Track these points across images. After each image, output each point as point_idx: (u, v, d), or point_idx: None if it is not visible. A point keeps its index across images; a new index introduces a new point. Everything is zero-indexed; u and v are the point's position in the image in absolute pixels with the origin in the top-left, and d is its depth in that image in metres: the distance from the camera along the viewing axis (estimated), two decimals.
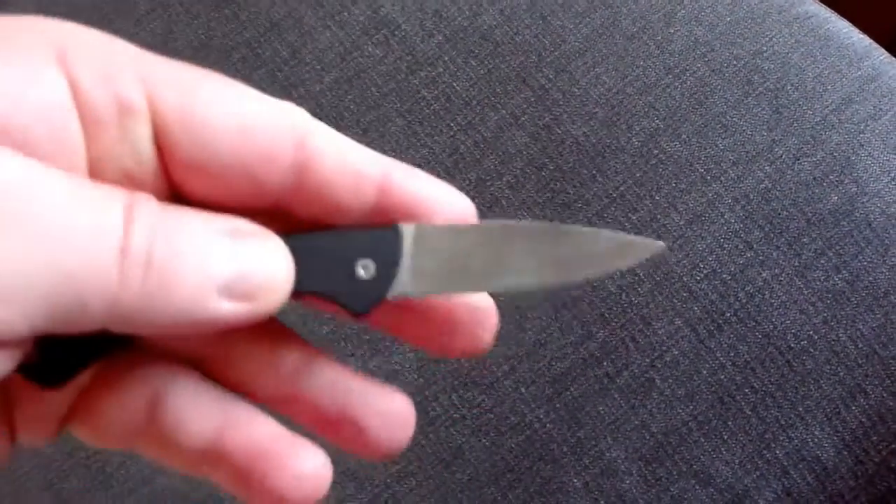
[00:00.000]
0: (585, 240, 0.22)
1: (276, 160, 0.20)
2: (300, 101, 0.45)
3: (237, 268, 0.19)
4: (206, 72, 0.20)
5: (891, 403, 0.39)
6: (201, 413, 0.21)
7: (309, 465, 0.21)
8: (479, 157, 0.43)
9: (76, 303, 0.17)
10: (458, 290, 0.22)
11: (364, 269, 0.21)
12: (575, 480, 0.39)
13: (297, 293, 0.21)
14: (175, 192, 0.20)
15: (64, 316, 0.17)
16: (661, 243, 0.22)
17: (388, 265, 0.22)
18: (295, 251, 0.21)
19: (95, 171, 0.19)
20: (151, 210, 0.18)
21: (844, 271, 0.40)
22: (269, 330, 0.21)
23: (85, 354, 0.21)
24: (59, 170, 0.18)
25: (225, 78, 0.20)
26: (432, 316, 0.22)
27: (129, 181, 0.20)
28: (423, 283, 0.22)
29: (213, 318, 0.19)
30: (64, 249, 0.17)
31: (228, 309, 0.19)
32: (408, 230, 0.22)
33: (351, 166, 0.21)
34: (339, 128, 0.21)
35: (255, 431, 0.21)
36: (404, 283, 0.22)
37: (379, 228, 0.22)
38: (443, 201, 0.22)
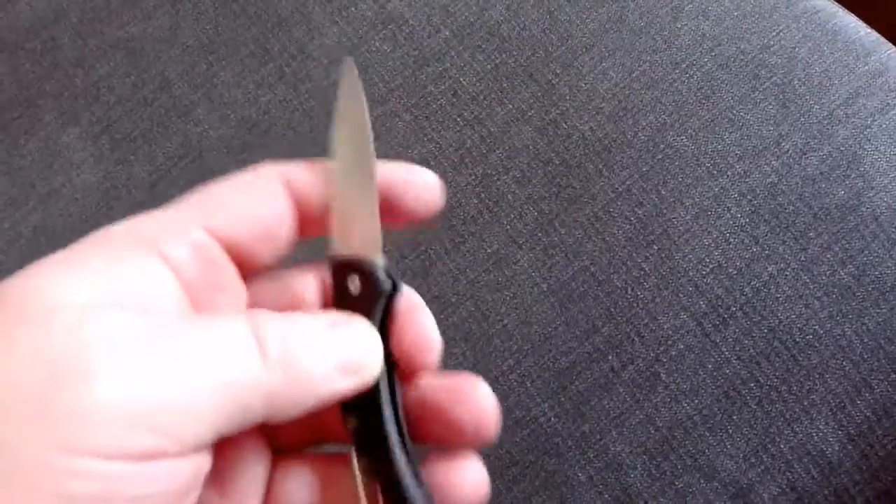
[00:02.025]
0: None
1: (281, 209, 0.26)
2: (308, 97, 0.45)
3: (345, 353, 0.24)
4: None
5: None
6: None
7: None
8: (485, 151, 0.43)
9: (242, 406, 0.22)
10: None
11: (352, 284, 0.26)
12: (580, 474, 0.39)
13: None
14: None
15: (236, 418, 0.22)
16: None
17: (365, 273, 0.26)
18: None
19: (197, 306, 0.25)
20: (270, 320, 0.23)
21: (850, 266, 0.40)
22: None
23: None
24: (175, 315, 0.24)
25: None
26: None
27: (221, 292, 0.26)
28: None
29: (336, 394, 0.24)
30: (216, 369, 0.22)
31: (345, 384, 0.24)
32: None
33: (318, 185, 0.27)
34: None
35: None
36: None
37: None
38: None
